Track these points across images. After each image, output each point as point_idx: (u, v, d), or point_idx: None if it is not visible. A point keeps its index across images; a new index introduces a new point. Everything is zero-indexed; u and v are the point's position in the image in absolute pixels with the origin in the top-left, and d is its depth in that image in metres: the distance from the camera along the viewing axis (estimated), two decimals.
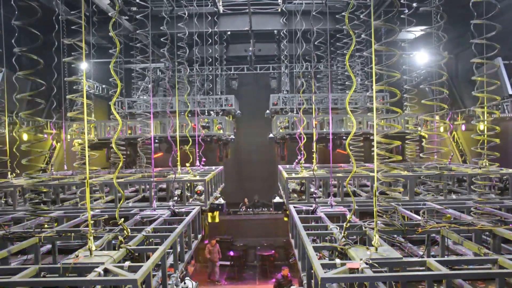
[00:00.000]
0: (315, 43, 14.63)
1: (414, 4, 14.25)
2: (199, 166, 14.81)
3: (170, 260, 7.40)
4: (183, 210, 9.02)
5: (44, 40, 8.15)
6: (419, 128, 17.57)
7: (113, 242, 6.96)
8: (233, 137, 20.57)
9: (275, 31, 21.00)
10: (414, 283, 6.66)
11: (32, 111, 9.07)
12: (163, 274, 6.48)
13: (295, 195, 11.88)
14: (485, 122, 10.31)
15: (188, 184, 11.80)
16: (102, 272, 5.33)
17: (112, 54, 17.15)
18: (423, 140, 16.06)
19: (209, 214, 15.00)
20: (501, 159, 10.77)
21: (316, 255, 5.95)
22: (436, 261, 5.41)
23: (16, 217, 8.93)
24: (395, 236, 7.23)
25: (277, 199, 13.29)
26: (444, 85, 11.34)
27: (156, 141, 16.42)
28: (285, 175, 12.36)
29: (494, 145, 9.39)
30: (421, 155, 11.22)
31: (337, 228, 7.08)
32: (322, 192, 11.29)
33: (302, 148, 13.16)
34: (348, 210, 8.61)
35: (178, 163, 12.52)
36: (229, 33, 21.55)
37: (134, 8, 18.15)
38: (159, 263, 6.55)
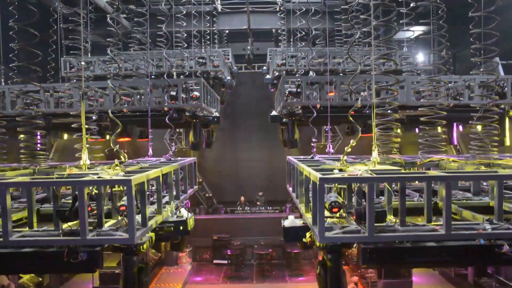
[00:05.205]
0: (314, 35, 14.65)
1: (412, 4, 14.49)
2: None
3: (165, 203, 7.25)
4: (179, 159, 8.95)
5: (41, 36, 8.38)
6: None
7: None
8: (229, 78, 19.73)
9: (273, 30, 21.34)
10: (416, 216, 6.55)
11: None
12: (158, 202, 6.33)
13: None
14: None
15: (184, 85, 11.90)
16: (96, 178, 5.25)
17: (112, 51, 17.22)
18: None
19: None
20: None
21: None
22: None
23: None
24: None
25: (273, 113, 13.18)
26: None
27: (153, 76, 16.15)
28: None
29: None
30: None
31: (335, 163, 6.99)
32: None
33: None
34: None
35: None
36: (227, 31, 21.88)
37: (132, 6, 18.34)
38: (155, 201, 6.44)
